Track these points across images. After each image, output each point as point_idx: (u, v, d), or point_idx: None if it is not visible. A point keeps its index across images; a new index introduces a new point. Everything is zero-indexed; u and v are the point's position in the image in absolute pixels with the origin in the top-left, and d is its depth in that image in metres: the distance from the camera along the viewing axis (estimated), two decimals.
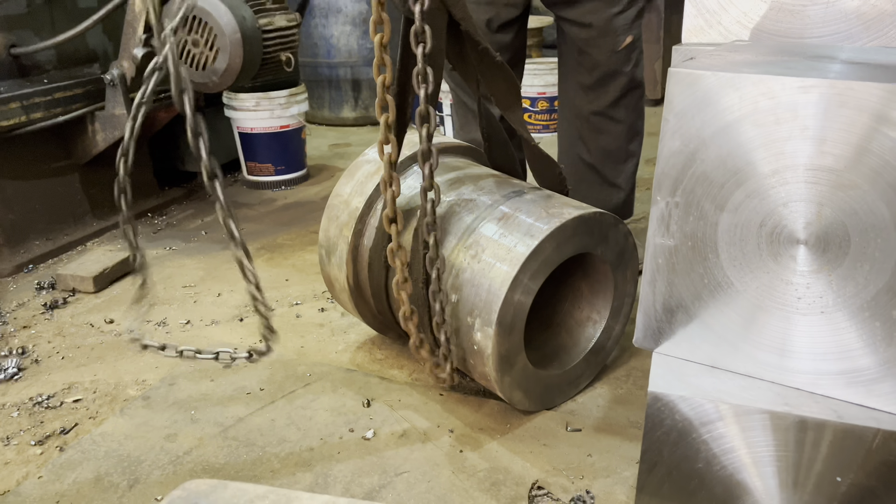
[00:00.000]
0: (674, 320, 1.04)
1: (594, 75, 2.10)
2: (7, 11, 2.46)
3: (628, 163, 2.22)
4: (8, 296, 2.28)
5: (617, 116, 2.14)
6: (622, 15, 2.01)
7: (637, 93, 2.14)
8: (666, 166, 0.96)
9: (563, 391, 1.65)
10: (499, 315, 1.42)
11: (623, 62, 2.06)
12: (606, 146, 2.19)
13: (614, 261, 1.61)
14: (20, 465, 1.51)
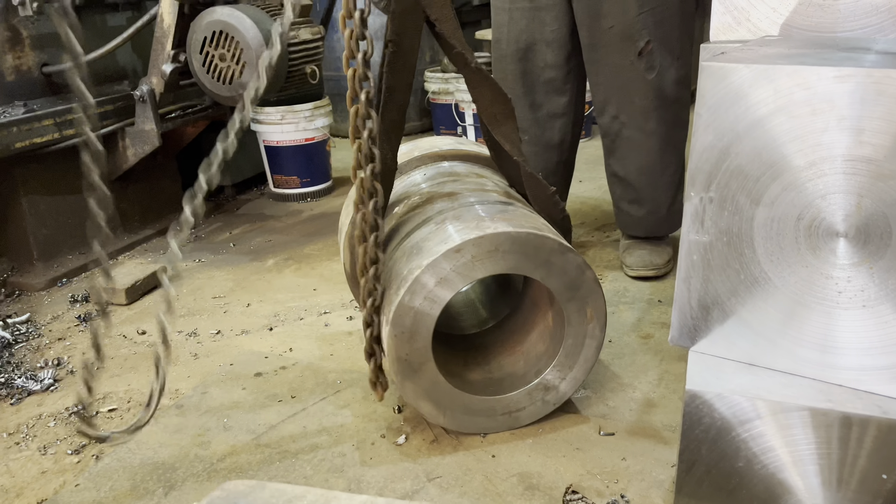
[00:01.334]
0: (710, 317, 1.02)
1: (618, 82, 2.09)
2: (39, 31, 2.52)
3: (665, 174, 2.19)
4: (43, 308, 2.32)
5: (648, 128, 2.12)
6: (641, 17, 1.99)
7: (668, 103, 2.10)
8: (699, 161, 0.96)
9: (494, 419, 1.54)
10: (393, 317, 1.40)
11: (645, 69, 2.03)
12: (640, 161, 2.17)
13: (563, 292, 1.47)
14: (57, 473, 1.53)
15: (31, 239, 2.50)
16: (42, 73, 2.54)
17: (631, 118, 2.12)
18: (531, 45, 2.15)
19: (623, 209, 2.30)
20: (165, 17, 2.49)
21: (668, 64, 2.04)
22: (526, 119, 2.25)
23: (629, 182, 2.23)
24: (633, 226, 2.31)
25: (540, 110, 2.23)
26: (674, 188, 2.22)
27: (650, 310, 2.05)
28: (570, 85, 2.20)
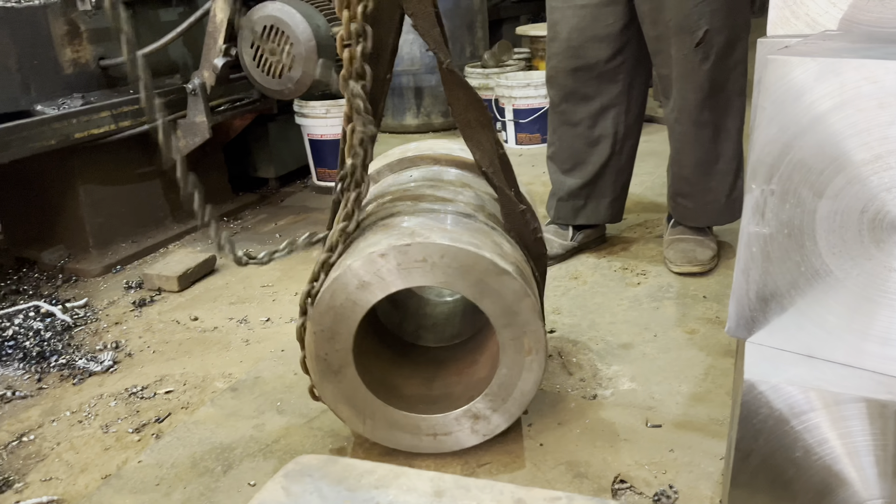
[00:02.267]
0: (768, 309, 1.03)
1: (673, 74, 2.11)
2: (96, 25, 2.60)
3: (720, 163, 2.20)
4: (99, 294, 2.40)
5: (701, 119, 2.13)
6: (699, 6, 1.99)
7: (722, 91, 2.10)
8: (762, 154, 0.97)
9: (419, 439, 1.47)
10: (315, 314, 1.36)
11: (701, 60, 2.04)
12: (697, 154, 2.19)
13: (498, 317, 1.36)
14: (120, 450, 1.59)
15: (87, 227, 2.58)
16: (99, 66, 2.62)
17: (684, 112, 2.14)
18: (584, 42, 2.18)
19: (679, 203, 2.32)
20: (218, 13, 2.55)
21: (723, 53, 2.04)
22: (577, 114, 2.28)
23: (684, 176, 2.26)
24: (690, 217, 2.32)
25: (592, 102, 2.25)
26: (731, 176, 2.23)
27: (695, 305, 2.06)
28: (623, 76, 2.23)
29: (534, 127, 3.93)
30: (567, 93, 2.27)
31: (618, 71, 2.22)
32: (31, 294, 2.40)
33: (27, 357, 1.96)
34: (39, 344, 2.01)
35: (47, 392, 1.83)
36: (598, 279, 2.27)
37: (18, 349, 2.00)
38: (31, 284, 2.49)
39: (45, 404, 1.78)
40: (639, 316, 2.02)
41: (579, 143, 2.32)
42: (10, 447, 1.63)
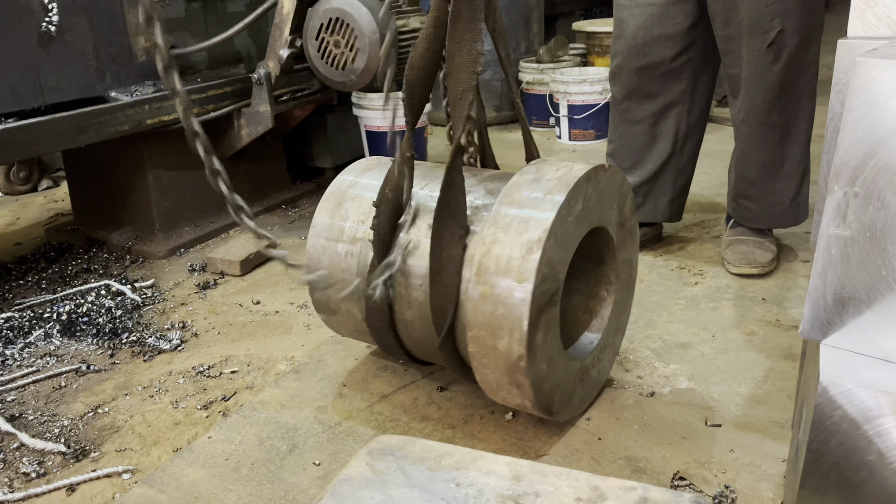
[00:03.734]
0: (844, 312, 1.03)
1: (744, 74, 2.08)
2: (168, 14, 2.68)
3: (786, 166, 2.18)
4: (165, 276, 2.48)
5: (770, 121, 2.11)
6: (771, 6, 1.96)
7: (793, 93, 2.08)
8: (846, 156, 0.97)
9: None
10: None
11: (772, 61, 2.02)
12: (762, 156, 2.17)
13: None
14: (189, 426, 1.66)
15: (154, 210, 2.67)
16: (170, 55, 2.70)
17: (752, 113, 2.11)
18: (650, 41, 2.17)
19: (742, 204, 2.30)
20: (285, 4, 2.61)
21: (796, 54, 2.01)
22: (640, 112, 2.28)
23: (749, 177, 2.23)
24: (752, 219, 2.30)
25: (656, 100, 2.24)
26: (797, 179, 2.20)
27: (754, 307, 2.04)
28: (687, 74, 2.21)
29: (588, 123, 3.91)
30: (631, 90, 2.26)
31: (683, 69, 2.21)
32: (100, 273, 2.50)
33: (100, 333, 2.04)
34: (111, 321, 2.10)
35: (120, 367, 1.91)
36: (654, 278, 2.26)
37: (92, 325, 2.09)
38: (100, 264, 2.59)
39: (118, 379, 1.86)
40: (696, 316, 2.01)
41: (640, 140, 2.32)
42: (86, 418, 1.71)
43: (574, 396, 1.54)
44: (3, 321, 2.10)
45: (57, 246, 2.76)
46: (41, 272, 2.52)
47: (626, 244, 1.65)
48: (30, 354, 1.98)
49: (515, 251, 1.33)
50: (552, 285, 1.37)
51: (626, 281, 1.69)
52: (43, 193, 3.59)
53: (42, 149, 2.25)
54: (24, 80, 2.24)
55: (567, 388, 1.50)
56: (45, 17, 2.27)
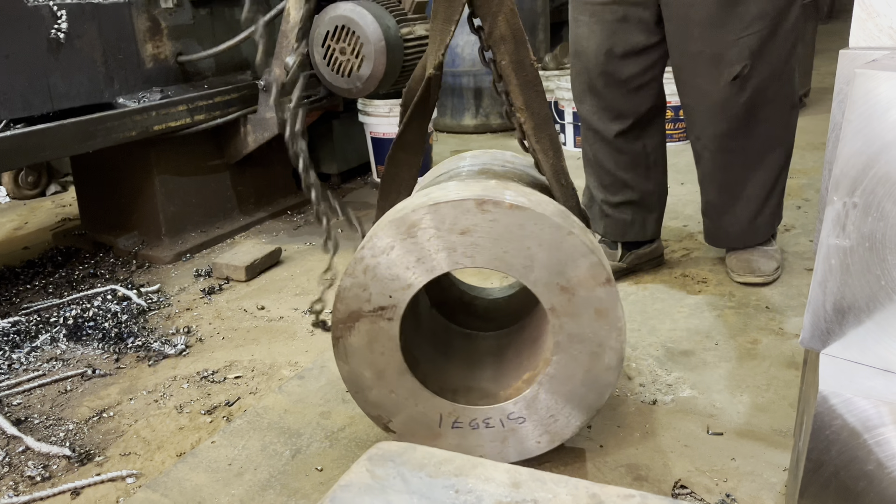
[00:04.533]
0: (844, 322, 1.04)
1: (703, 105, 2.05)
2: (176, 22, 2.71)
3: (746, 189, 2.15)
4: (171, 281, 2.50)
5: (731, 147, 2.08)
6: (738, 42, 1.91)
7: (759, 121, 2.04)
8: (845, 167, 0.97)
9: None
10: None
11: (736, 93, 1.97)
12: (722, 180, 2.16)
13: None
14: (193, 430, 1.67)
15: (160, 215, 2.69)
16: (177, 61, 2.73)
17: (713, 140, 2.08)
18: (613, 57, 2.09)
19: (705, 223, 2.31)
20: (292, 12, 2.63)
21: (765, 85, 1.97)
22: (614, 127, 2.19)
23: (708, 199, 2.23)
24: (710, 238, 2.32)
25: (626, 117, 2.18)
26: (759, 201, 2.16)
27: (757, 316, 2.04)
28: (654, 90, 2.17)
29: None
30: (600, 109, 2.19)
31: (648, 86, 2.15)
32: (107, 278, 2.52)
33: (106, 338, 2.06)
34: (117, 325, 2.11)
35: (125, 372, 1.92)
36: (658, 285, 2.26)
37: (98, 330, 2.10)
38: (107, 269, 2.61)
39: (123, 383, 1.87)
40: (699, 324, 2.01)
41: (621, 159, 2.24)
42: (91, 422, 1.72)
43: (442, 438, 1.45)
44: (11, 325, 2.12)
45: (64, 250, 2.79)
46: (48, 276, 2.54)
47: (580, 318, 1.33)
48: (36, 358, 2.00)
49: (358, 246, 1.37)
50: (379, 298, 1.34)
51: (579, 364, 1.36)
52: (51, 198, 3.62)
53: (50, 154, 2.27)
54: (34, 86, 2.27)
55: (421, 420, 1.44)
56: (54, 24, 2.30)
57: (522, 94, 1.46)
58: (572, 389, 1.38)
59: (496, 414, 1.41)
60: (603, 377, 1.37)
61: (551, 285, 1.31)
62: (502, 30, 1.43)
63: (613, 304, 1.31)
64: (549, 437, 1.42)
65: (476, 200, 1.27)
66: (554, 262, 1.30)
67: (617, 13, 2.04)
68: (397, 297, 1.34)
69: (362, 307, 1.35)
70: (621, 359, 1.35)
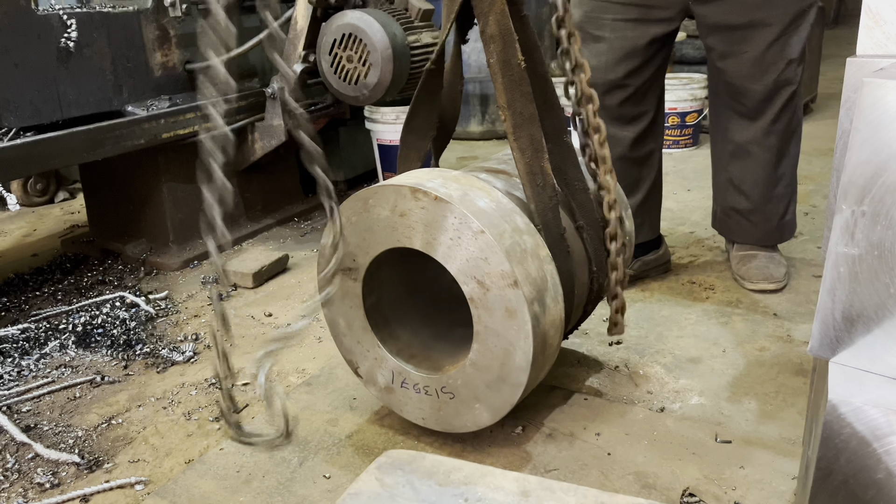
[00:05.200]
0: (853, 330, 1.03)
1: (746, 106, 2.10)
2: (184, 30, 2.72)
3: (779, 186, 2.20)
4: (178, 287, 2.51)
5: (767, 143, 2.14)
6: (777, 42, 1.98)
7: (788, 118, 2.11)
8: (853, 175, 0.97)
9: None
10: None
11: (780, 88, 2.04)
12: (754, 174, 2.19)
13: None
14: (201, 437, 1.67)
15: (168, 222, 2.71)
16: (185, 69, 2.75)
17: (754, 136, 2.15)
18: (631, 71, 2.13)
19: (732, 217, 2.31)
20: (299, 20, 2.65)
21: (798, 80, 2.07)
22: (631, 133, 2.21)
23: (744, 192, 2.24)
24: (741, 234, 2.32)
25: (642, 120, 2.21)
26: (786, 200, 2.24)
27: (765, 322, 2.04)
28: (657, 86, 2.21)
29: None
30: (614, 119, 2.19)
31: (655, 85, 2.20)
32: (115, 285, 2.53)
33: (115, 344, 2.07)
34: (126, 332, 2.12)
35: (133, 378, 1.93)
36: (665, 292, 2.26)
37: (107, 336, 2.11)
38: (115, 275, 2.62)
39: (132, 390, 1.88)
40: (707, 331, 2.01)
41: (632, 164, 2.27)
42: (100, 429, 1.73)
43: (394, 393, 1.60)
44: (20, 332, 2.13)
45: (73, 257, 2.80)
46: (57, 283, 2.56)
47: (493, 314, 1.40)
48: (45, 365, 2.01)
49: None
50: (347, 259, 1.55)
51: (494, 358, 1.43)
52: (59, 205, 3.64)
53: (60, 162, 2.29)
54: (44, 94, 2.28)
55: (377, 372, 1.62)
56: (64, 33, 2.32)
57: (506, 92, 1.50)
58: (490, 380, 1.46)
59: (433, 384, 1.54)
60: (514, 375, 1.43)
61: (469, 277, 1.42)
62: (492, 29, 1.48)
63: (521, 307, 1.37)
64: (472, 418, 1.52)
65: (410, 188, 1.42)
66: (472, 256, 1.40)
67: (637, 30, 2.09)
68: (360, 262, 1.55)
69: (338, 264, 1.44)
70: (529, 361, 1.40)
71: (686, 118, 3.90)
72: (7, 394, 1.86)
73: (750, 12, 1.98)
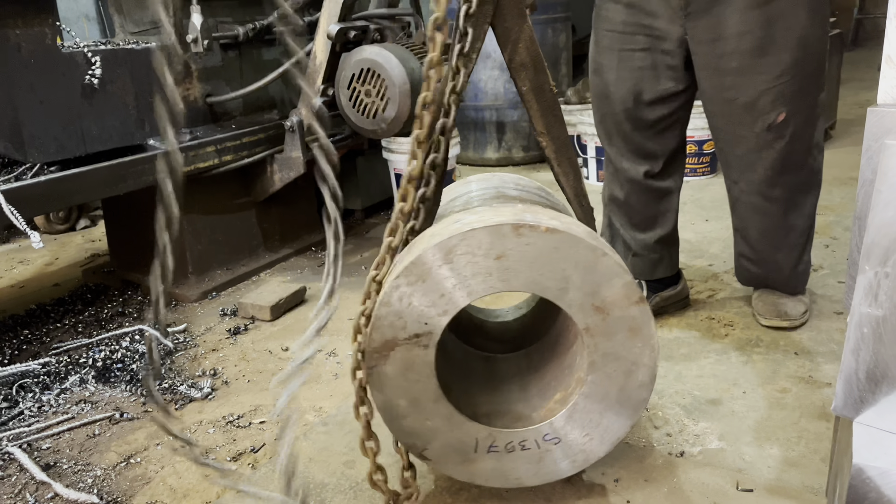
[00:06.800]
0: (878, 391, 1.02)
1: (739, 151, 2.04)
2: (205, 65, 2.76)
3: (789, 237, 2.14)
4: (197, 320, 2.53)
5: (772, 195, 2.07)
6: (772, 90, 1.91)
7: (796, 168, 2.03)
8: (877, 236, 0.96)
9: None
10: None
11: (773, 139, 1.97)
12: (764, 227, 2.14)
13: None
14: (219, 478, 1.67)
15: (188, 254, 2.73)
16: (206, 102, 2.78)
17: (751, 185, 2.06)
18: (641, 102, 2.09)
19: (743, 264, 2.28)
20: (318, 54, 2.68)
21: (801, 131, 1.97)
22: (641, 169, 2.19)
23: (749, 243, 2.20)
24: (751, 281, 2.29)
25: (656, 159, 2.18)
26: (798, 249, 2.16)
27: (786, 362, 2.01)
28: (679, 130, 2.17)
29: None
30: (627, 151, 2.18)
31: (675, 126, 2.15)
32: (135, 317, 2.55)
33: (133, 380, 2.08)
34: (144, 368, 2.14)
35: (152, 415, 1.94)
36: (683, 328, 2.24)
37: (126, 371, 2.13)
38: (134, 307, 2.64)
39: (150, 427, 1.89)
40: (727, 370, 1.99)
41: (649, 198, 2.24)
42: (119, 468, 1.73)
43: (477, 463, 1.46)
44: (41, 366, 2.15)
45: (93, 288, 2.83)
46: (78, 315, 2.59)
47: (613, 337, 1.37)
48: (65, 401, 2.02)
49: (390, 277, 1.36)
50: (414, 325, 1.35)
51: (613, 382, 1.40)
52: (81, 233, 3.69)
53: (83, 198, 2.32)
54: (68, 130, 2.32)
55: (456, 446, 1.45)
56: (88, 70, 2.36)
57: (543, 118, 1.55)
58: (607, 407, 1.41)
59: (532, 436, 1.43)
60: (636, 394, 1.40)
61: (586, 306, 1.34)
62: (522, 57, 1.51)
63: (647, 322, 1.35)
64: (583, 455, 1.46)
65: (512, 225, 1.29)
66: (588, 283, 1.33)
67: (646, 60, 2.05)
68: (433, 324, 1.35)
69: (397, 335, 1.36)
70: (654, 376, 1.39)
71: (703, 146, 3.88)
72: (28, 430, 1.88)
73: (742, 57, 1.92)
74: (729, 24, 1.90)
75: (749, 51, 1.90)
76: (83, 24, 4.93)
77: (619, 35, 2.07)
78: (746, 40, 1.89)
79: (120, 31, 2.79)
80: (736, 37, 1.90)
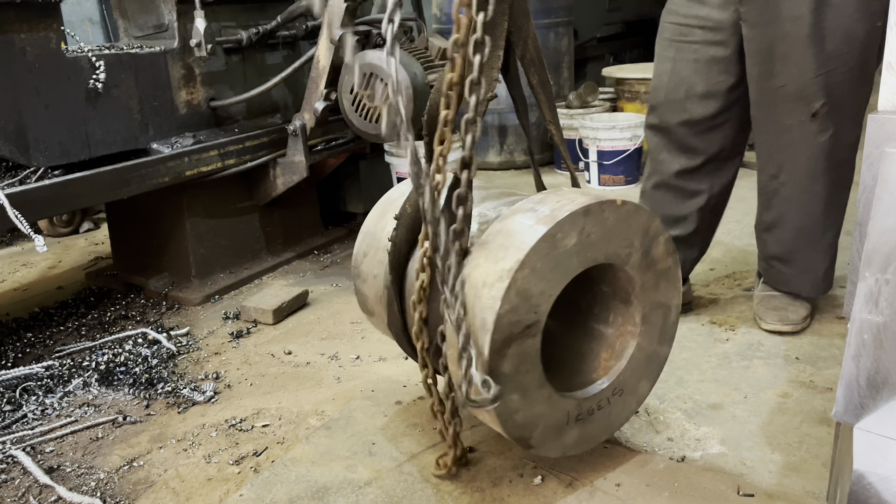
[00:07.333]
0: (878, 397, 1.03)
1: (782, 142, 2.05)
2: (209, 69, 2.78)
3: (826, 236, 2.15)
4: (200, 323, 2.53)
5: (814, 190, 2.07)
6: (817, 79, 1.92)
7: (838, 164, 2.04)
8: (877, 243, 0.97)
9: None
10: None
11: (818, 131, 1.98)
12: (801, 224, 2.14)
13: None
14: (221, 482, 1.68)
15: (190, 257, 2.74)
16: (209, 106, 2.79)
17: (794, 179, 2.07)
18: (691, 97, 2.11)
19: (774, 266, 2.26)
20: (322, 59, 2.69)
21: (843, 125, 1.97)
22: (677, 165, 2.20)
23: (784, 241, 2.19)
24: (783, 283, 2.26)
25: (694, 156, 2.18)
26: (832, 251, 2.17)
27: (787, 367, 2.01)
28: (726, 132, 2.16)
29: (618, 169, 3.93)
30: (669, 144, 2.20)
31: (723, 127, 2.14)
32: (138, 320, 2.56)
33: (136, 383, 2.09)
34: (147, 370, 2.15)
35: (155, 419, 1.95)
36: (685, 333, 2.25)
37: (129, 375, 2.13)
38: (137, 310, 2.65)
39: (153, 431, 1.89)
40: (728, 375, 1.99)
41: (676, 196, 2.25)
42: (122, 472, 1.74)
43: (566, 435, 1.53)
44: (45, 369, 2.16)
45: (97, 291, 2.84)
46: (81, 318, 2.60)
47: (658, 287, 1.57)
48: (69, 404, 2.03)
49: (490, 278, 1.35)
50: (527, 316, 1.36)
51: (656, 326, 1.60)
52: (84, 235, 3.70)
53: (87, 202, 2.33)
54: (72, 134, 2.34)
55: (553, 425, 1.49)
56: (92, 75, 2.37)
57: (550, 109, 1.69)
58: (653, 350, 1.62)
59: (605, 394, 1.57)
60: (670, 331, 1.65)
61: (642, 266, 1.52)
62: (532, 53, 1.61)
63: (676, 267, 1.58)
64: (635, 399, 1.64)
65: (598, 203, 1.41)
66: (645, 244, 1.51)
67: (699, 53, 2.07)
68: (541, 311, 1.40)
69: (513, 330, 1.37)
70: (679, 311, 1.63)
71: None
72: (31, 433, 1.89)
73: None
74: (783, 7, 1.91)
75: (801, 37, 1.90)
76: (87, 27, 4.95)
77: (678, 27, 2.11)
78: (798, 25, 1.90)
79: (124, 35, 2.81)
80: (789, 20, 1.91)
